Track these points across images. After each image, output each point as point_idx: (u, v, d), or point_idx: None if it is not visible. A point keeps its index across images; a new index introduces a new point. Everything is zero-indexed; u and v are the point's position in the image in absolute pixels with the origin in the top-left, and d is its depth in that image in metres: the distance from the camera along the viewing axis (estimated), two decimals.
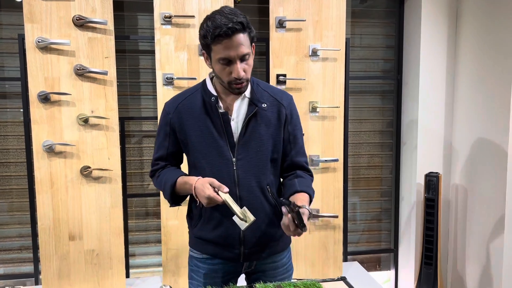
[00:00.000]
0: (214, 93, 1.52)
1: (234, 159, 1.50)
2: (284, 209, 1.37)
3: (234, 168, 1.50)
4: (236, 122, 1.52)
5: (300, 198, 1.47)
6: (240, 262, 1.58)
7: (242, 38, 1.38)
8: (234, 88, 1.45)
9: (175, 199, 1.58)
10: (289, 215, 1.35)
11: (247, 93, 1.52)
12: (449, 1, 2.92)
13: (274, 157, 1.56)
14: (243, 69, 1.41)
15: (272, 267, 1.63)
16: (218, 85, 1.53)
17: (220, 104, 1.51)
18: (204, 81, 1.57)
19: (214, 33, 1.36)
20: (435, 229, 2.75)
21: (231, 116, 1.51)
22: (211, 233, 1.56)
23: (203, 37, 1.41)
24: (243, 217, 1.42)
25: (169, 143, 1.58)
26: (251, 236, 1.54)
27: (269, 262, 1.63)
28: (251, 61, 1.45)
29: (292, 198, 1.49)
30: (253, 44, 1.46)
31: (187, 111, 1.53)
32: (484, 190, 2.74)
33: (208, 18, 1.40)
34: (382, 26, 3.18)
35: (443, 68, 2.97)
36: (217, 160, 1.50)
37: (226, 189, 1.41)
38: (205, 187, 1.41)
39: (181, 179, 1.53)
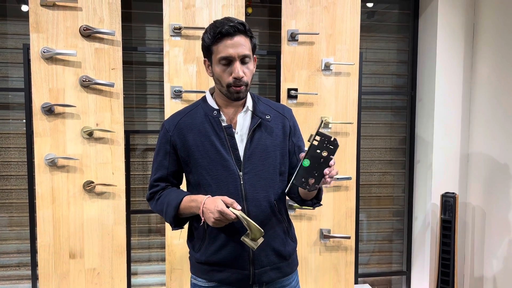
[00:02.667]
0: (216, 106, 1.49)
1: (241, 173, 1.45)
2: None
3: (241, 182, 1.44)
4: (241, 135, 1.48)
5: None
6: (249, 285, 1.49)
7: (243, 40, 1.40)
8: (233, 91, 1.42)
9: (178, 221, 1.50)
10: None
11: (250, 106, 1.50)
12: (466, 16, 2.85)
13: (282, 169, 1.52)
14: (243, 71, 1.40)
15: None
16: (219, 98, 1.50)
17: (223, 117, 1.48)
18: (204, 96, 1.54)
19: (216, 32, 1.38)
20: (452, 252, 2.63)
21: (234, 129, 1.47)
22: (217, 254, 1.47)
23: (204, 40, 1.43)
24: (253, 235, 1.33)
25: (169, 162, 1.52)
26: (261, 255, 1.47)
27: (278, 287, 1.54)
28: (251, 66, 1.44)
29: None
30: (254, 56, 1.46)
31: (188, 127, 1.48)
32: (502, 211, 2.63)
33: (209, 25, 1.43)
34: (395, 40, 3.11)
35: (459, 84, 2.88)
36: (223, 175, 1.44)
37: (239, 207, 1.36)
38: (217, 202, 1.34)
39: (187, 198, 1.45)
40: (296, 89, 2.52)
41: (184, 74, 2.44)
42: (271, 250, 1.49)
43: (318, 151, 1.29)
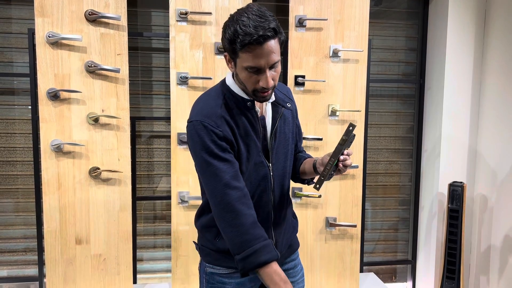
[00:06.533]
0: (247, 97, 1.38)
1: (270, 164, 1.43)
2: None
3: (271, 173, 1.44)
4: (267, 125, 1.46)
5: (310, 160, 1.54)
6: None
7: (274, 44, 1.25)
8: (260, 96, 1.33)
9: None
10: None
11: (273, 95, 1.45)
12: (477, 2, 2.78)
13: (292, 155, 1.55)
14: (271, 77, 1.30)
15: (291, 265, 1.60)
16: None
17: (257, 108, 1.41)
18: (228, 86, 1.40)
19: (244, 41, 1.22)
20: (459, 241, 2.61)
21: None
22: None
23: (230, 42, 1.26)
24: None
25: (232, 158, 1.37)
26: (283, 241, 1.52)
27: (288, 261, 1.59)
28: (279, 67, 1.32)
29: (303, 164, 1.56)
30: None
31: (230, 120, 1.36)
32: (511, 201, 2.60)
33: (235, 21, 1.24)
34: (404, 27, 3.05)
35: (469, 72, 2.83)
36: (259, 167, 1.42)
37: None
38: None
39: (274, 267, 1.31)
40: (303, 76, 2.49)
41: (191, 60, 2.41)
42: (288, 235, 1.55)
43: (343, 149, 1.36)
